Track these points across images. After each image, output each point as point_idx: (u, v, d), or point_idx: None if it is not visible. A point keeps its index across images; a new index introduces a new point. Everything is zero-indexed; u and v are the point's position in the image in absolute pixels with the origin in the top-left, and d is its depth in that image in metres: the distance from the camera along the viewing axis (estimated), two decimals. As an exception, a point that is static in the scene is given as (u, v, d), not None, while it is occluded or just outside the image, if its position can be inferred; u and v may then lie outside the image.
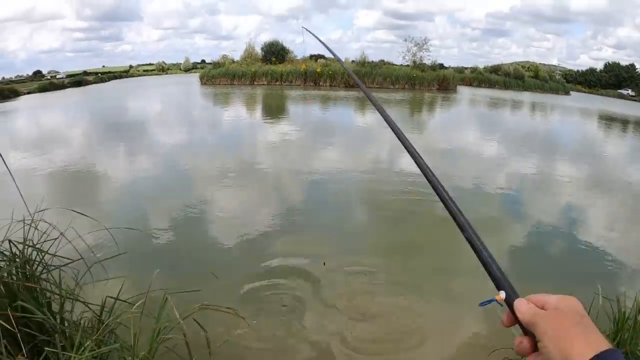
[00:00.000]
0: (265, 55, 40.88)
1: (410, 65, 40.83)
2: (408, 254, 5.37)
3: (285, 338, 3.54)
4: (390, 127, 1.06)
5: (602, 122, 26.50)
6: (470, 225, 0.82)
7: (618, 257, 5.40)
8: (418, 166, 0.99)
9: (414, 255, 5.37)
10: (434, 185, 0.93)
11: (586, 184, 9.41)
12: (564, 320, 0.65)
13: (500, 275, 0.77)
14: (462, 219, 0.84)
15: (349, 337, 3.63)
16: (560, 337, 0.63)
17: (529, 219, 6.73)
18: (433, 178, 0.94)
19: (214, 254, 5.19)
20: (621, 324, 2.68)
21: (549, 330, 0.65)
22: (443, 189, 0.91)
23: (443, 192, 0.91)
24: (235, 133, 14.64)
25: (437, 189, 0.92)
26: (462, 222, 0.84)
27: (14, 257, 2.42)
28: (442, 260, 5.19)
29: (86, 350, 2.07)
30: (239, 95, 28.28)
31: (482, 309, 0.58)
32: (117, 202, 7.06)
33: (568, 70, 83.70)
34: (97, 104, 26.51)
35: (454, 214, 0.86)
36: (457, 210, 0.87)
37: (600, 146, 16.11)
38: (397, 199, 7.25)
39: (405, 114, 20.11)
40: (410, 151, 1.02)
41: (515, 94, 41.27)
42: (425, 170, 0.96)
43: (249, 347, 3.28)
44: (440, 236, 5.74)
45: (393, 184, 8.19)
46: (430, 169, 0.96)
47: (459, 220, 0.85)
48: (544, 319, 0.66)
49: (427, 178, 0.96)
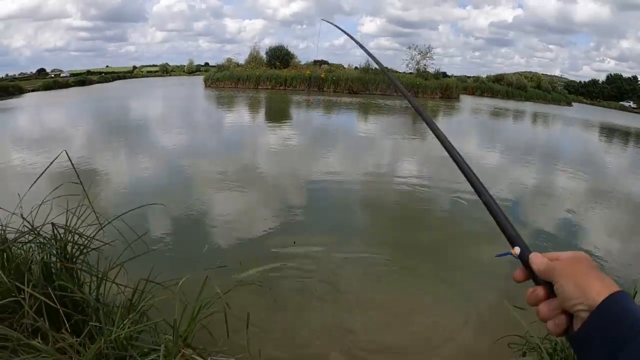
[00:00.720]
0: (269, 60, 41.07)
1: (413, 72, 41.01)
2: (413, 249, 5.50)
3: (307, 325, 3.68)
4: (438, 139, 1.12)
5: (604, 133, 26.66)
6: (486, 190, 0.90)
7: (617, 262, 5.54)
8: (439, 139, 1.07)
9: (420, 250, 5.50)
10: (452, 154, 1.00)
11: (589, 193, 9.52)
12: (581, 265, 0.71)
13: (514, 233, 0.83)
14: (480, 186, 0.91)
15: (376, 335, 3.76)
16: (578, 276, 0.68)
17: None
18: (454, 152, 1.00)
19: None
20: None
21: (566, 272, 0.70)
22: (462, 159, 0.97)
23: (462, 162, 0.97)
24: (261, 133, 14.77)
25: (455, 157, 0.99)
26: (480, 188, 0.91)
27: (55, 239, 2.54)
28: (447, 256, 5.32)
29: (126, 326, 2.19)
30: (246, 98, 28.40)
31: (499, 259, 0.63)
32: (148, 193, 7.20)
33: (570, 81, 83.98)
34: (109, 102, 26.62)
35: (473, 182, 0.93)
36: (476, 179, 0.93)
37: (601, 156, 16.23)
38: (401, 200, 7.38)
39: (412, 121, 20.23)
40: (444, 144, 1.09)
41: (517, 104, 41.41)
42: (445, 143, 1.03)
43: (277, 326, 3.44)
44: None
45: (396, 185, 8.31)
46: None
47: (477, 187, 0.92)
48: (561, 264, 0.72)
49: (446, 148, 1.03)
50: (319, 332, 3.63)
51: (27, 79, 49.94)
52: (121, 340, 2.22)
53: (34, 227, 2.55)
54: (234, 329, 2.46)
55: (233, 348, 2.55)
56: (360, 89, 36.37)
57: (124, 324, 2.24)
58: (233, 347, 2.55)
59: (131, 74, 70.06)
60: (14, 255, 2.48)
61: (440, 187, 8.47)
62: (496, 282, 4.64)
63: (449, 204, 7.58)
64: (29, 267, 2.40)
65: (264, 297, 2.68)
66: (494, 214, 0.87)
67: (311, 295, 4.25)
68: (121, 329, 2.20)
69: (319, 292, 4.30)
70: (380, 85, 36.63)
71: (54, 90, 37.02)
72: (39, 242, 2.55)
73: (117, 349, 2.20)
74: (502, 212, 0.87)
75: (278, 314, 3.62)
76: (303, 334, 3.57)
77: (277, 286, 4.15)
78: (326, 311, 3.98)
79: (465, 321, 4.00)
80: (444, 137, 1.05)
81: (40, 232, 2.55)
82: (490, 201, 0.89)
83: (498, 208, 0.87)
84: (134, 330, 2.29)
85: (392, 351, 3.56)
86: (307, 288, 4.38)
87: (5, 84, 33.38)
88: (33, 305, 2.26)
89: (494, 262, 5.20)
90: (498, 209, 0.87)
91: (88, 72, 65.14)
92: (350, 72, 39.61)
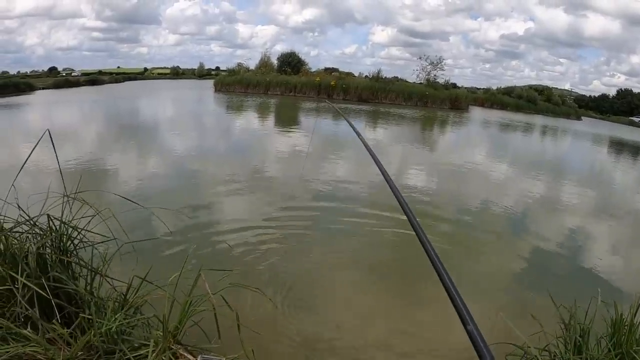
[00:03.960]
0: (280, 66, 41.23)
1: (423, 83, 41.05)
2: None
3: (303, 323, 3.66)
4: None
5: (613, 147, 26.62)
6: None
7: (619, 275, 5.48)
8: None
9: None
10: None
11: (596, 208, 9.45)
12: None
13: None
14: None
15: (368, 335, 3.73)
16: None
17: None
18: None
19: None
20: (618, 326, 2.76)
21: None
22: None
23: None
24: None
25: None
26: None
27: (50, 230, 2.54)
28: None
29: (117, 320, 2.18)
30: (254, 104, 28.53)
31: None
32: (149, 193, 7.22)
33: (580, 95, 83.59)
34: (117, 103, 26.85)
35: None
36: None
37: (611, 171, 16.16)
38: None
39: (421, 131, 20.23)
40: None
41: (527, 117, 41.23)
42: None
43: (274, 328, 3.43)
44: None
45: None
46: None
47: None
48: None
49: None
50: (312, 335, 3.62)
51: (39, 77, 50.41)
52: (112, 334, 2.20)
53: (31, 218, 2.55)
54: (227, 328, 2.44)
55: (227, 347, 2.52)
56: (370, 97, 36.41)
57: (116, 317, 2.23)
58: (227, 346, 2.52)
59: (142, 76, 70.60)
60: (10, 244, 2.48)
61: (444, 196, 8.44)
62: (495, 292, 4.59)
63: (451, 213, 7.54)
64: (24, 257, 2.40)
65: (260, 298, 2.67)
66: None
67: (306, 297, 4.24)
68: (112, 322, 2.19)
69: (315, 295, 4.30)
70: (390, 94, 36.72)
71: (64, 88, 37.36)
72: (34, 232, 2.55)
73: (108, 343, 2.19)
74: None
75: (273, 315, 3.59)
76: (298, 337, 3.55)
77: (271, 287, 4.15)
78: (320, 314, 3.97)
79: (462, 330, 3.96)
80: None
81: (36, 222, 2.55)
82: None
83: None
84: (125, 325, 2.28)
85: (384, 357, 3.54)
86: (301, 290, 4.37)
87: (16, 81, 33.76)
88: (26, 295, 2.26)
89: (493, 272, 5.17)
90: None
91: (99, 72, 65.63)
92: (360, 81, 39.68)
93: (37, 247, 2.46)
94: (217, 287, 2.47)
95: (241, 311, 2.49)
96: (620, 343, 2.68)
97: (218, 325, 2.31)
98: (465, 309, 0.86)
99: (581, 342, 2.66)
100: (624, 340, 2.68)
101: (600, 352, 2.66)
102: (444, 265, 0.88)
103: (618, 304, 2.90)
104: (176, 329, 2.30)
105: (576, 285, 4.94)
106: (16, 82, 32.97)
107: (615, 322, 2.79)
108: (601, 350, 2.68)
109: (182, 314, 2.34)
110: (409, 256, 5.43)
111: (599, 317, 2.86)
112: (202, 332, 2.42)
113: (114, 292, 2.59)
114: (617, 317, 2.80)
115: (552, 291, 4.23)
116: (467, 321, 0.78)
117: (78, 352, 2.12)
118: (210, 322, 2.34)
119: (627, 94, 77.77)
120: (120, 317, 2.27)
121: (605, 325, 2.85)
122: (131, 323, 2.34)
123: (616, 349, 2.65)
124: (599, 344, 2.74)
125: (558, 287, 4.91)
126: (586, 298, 3.01)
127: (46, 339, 2.14)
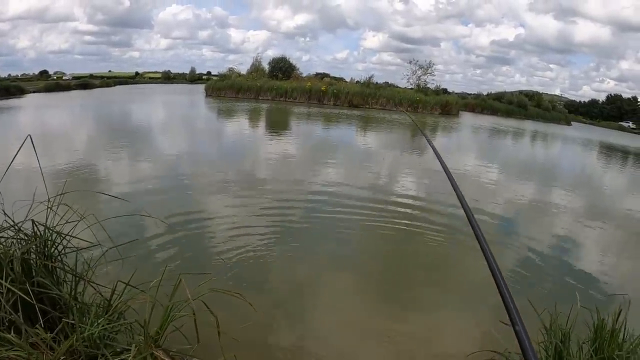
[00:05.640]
0: (271, 71, 41.29)
1: (414, 88, 41.23)
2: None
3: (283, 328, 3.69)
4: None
5: (603, 152, 26.92)
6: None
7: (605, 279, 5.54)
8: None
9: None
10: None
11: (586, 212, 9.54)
12: None
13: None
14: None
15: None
16: None
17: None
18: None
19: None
20: (599, 331, 2.80)
21: None
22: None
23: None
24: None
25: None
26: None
27: (35, 236, 2.57)
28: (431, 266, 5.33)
29: (100, 325, 2.22)
30: (243, 110, 28.53)
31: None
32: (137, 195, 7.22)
33: (570, 100, 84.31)
34: (106, 108, 26.78)
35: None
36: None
37: (601, 175, 16.32)
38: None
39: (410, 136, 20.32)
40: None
41: (517, 122, 41.52)
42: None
43: (255, 332, 3.45)
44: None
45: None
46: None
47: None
48: None
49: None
50: (296, 343, 3.65)
51: (30, 80, 50.25)
52: (94, 339, 2.23)
53: (16, 223, 2.58)
54: (209, 335, 2.47)
55: (210, 352, 2.55)
56: (361, 102, 36.52)
57: (98, 322, 2.26)
58: (210, 351, 2.55)
59: (133, 80, 70.46)
60: (-5, 250, 2.50)
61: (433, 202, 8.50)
62: (477, 298, 4.63)
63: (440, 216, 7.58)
64: (9, 262, 2.42)
65: (242, 305, 2.70)
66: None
67: (291, 304, 4.28)
68: (95, 327, 2.22)
69: (300, 302, 4.35)
70: (380, 100, 36.86)
71: (55, 92, 37.22)
72: (19, 238, 2.57)
73: (90, 347, 2.22)
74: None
75: (255, 321, 3.61)
76: (280, 345, 3.59)
77: (255, 293, 4.16)
78: (305, 322, 4.00)
79: (443, 335, 4.01)
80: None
81: (21, 228, 2.58)
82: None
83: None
84: (108, 330, 2.31)
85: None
86: (287, 295, 4.43)
87: (7, 84, 33.56)
88: (10, 300, 2.29)
89: (476, 280, 5.21)
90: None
91: (90, 75, 65.41)
92: (351, 86, 39.81)
93: (21, 252, 2.48)
94: (200, 291, 2.50)
95: (225, 317, 2.53)
96: (602, 348, 2.72)
97: (197, 330, 2.35)
98: (515, 309, 0.92)
99: (562, 347, 2.70)
100: (606, 345, 2.72)
101: (582, 358, 2.70)
102: (498, 265, 0.94)
103: (601, 309, 2.95)
104: (157, 333, 2.33)
105: (557, 291, 5.01)
106: (6, 85, 32.78)
107: (597, 327, 2.83)
108: (583, 356, 2.71)
109: (164, 319, 2.37)
110: (394, 262, 5.50)
111: (582, 323, 2.91)
112: (184, 337, 2.44)
113: (98, 297, 2.61)
114: (598, 322, 2.84)
115: (535, 296, 4.31)
116: (516, 322, 0.83)
117: (61, 357, 2.14)
118: (193, 327, 2.37)
119: (617, 99, 78.65)
120: (102, 322, 2.30)
121: (588, 330, 2.89)
122: (114, 328, 2.37)
123: (598, 354, 2.68)
124: (581, 349, 2.76)
125: (539, 292, 4.99)
126: (568, 303, 3.05)
127: (29, 343, 2.15)
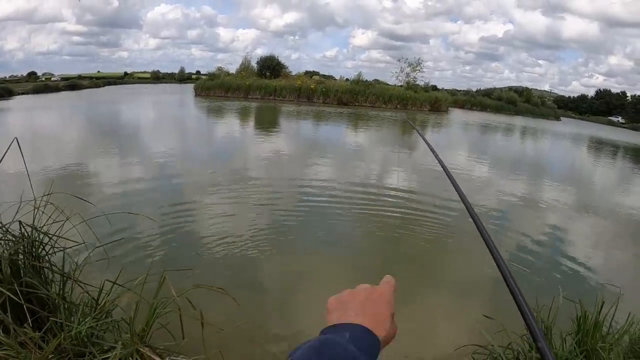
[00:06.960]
0: (260, 69, 41.21)
1: (403, 85, 41.28)
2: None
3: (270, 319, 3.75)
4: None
5: (593, 146, 27.21)
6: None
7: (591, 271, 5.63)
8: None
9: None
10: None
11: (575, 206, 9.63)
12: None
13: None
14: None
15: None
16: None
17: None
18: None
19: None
20: (583, 323, 2.85)
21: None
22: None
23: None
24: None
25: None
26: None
27: (22, 237, 2.61)
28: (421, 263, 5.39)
29: (87, 324, 2.26)
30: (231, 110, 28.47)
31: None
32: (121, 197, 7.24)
33: (559, 96, 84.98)
34: (92, 110, 26.66)
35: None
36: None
37: (590, 170, 16.48)
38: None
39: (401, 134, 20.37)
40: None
41: (507, 118, 41.77)
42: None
43: (240, 328, 3.49)
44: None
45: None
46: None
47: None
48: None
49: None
50: (281, 337, 3.71)
51: (18, 82, 49.87)
52: (82, 337, 2.28)
53: (3, 225, 2.61)
54: (195, 330, 2.51)
55: (195, 349, 2.60)
56: (350, 100, 36.53)
57: (85, 321, 2.31)
58: (195, 349, 2.60)
59: (122, 80, 70.10)
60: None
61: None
62: (462, 293, 4.70)
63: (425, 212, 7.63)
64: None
65: (227, 301, 2.74)
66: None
67: (278, 299, 4.36)
68: (82, 326, 2.27)
69: (286, 297, 4.44)
70: (369, 97, 36.87)
71: (43, 93, 36.96)
72: (7, 239, 2.61)
73: (78, 345, 2.27)
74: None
75: (241, 317, 3.65)
76: (265, 340, 3.64)
77: (240, 289, 4.19)
78: (290, 317, 4.06)
79: (428, 330, 4.07)
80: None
81: (8, 229, 2.62)
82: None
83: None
84: (95, 328, 2.36)
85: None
86: (274, 291, 4.52)
87: (-6, 87, 33.31)
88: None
89: (462, 275, 5.28)
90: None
91: (79, 76, 65.05)
92: (340, 84, 39.79)
93: (9, 253, 2.52)
94: (185, 288, 2.55)
95: (211, 313, 2.58)
96: (585, 340, 2.77)
97: (182, 327, 2.40)
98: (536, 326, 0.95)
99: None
100: (590, 336, 2.77)
101: (565, 350, 2.75)
102: (517, 283, 0.94)
103: (586, 302, 3.01)
104: (143, 331, 2.39)
105: (541, 284, 5.08)
106: (-7, 87, 32.53)
107: (580, 319, 2.89)
108: (567, 348, 2.78)
109: (149, 316, 2.42)
110: (387, 259, 5.57)
111: (565, 316, 2.98)
112: (170, 334, 2.49)
113: (85, 296, 2.66)
114: (581, 314, 2.90)
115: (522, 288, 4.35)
116: (539, 338, 0.86)
117: (49, 355, 2.19)
118: (178, 324, 2.42)
119: (606, 94, 79.33)
120: (90, 320, 2.35)
121: (571, 323, 2.95)
122: (101, 326, 2.41)
123: (581, 346, 2.74)
124: (565, 341, 2.83)
125: (523, 286, 5.05)
126: (551, 296, 3.10)
127: (18, 342, 2.20)
